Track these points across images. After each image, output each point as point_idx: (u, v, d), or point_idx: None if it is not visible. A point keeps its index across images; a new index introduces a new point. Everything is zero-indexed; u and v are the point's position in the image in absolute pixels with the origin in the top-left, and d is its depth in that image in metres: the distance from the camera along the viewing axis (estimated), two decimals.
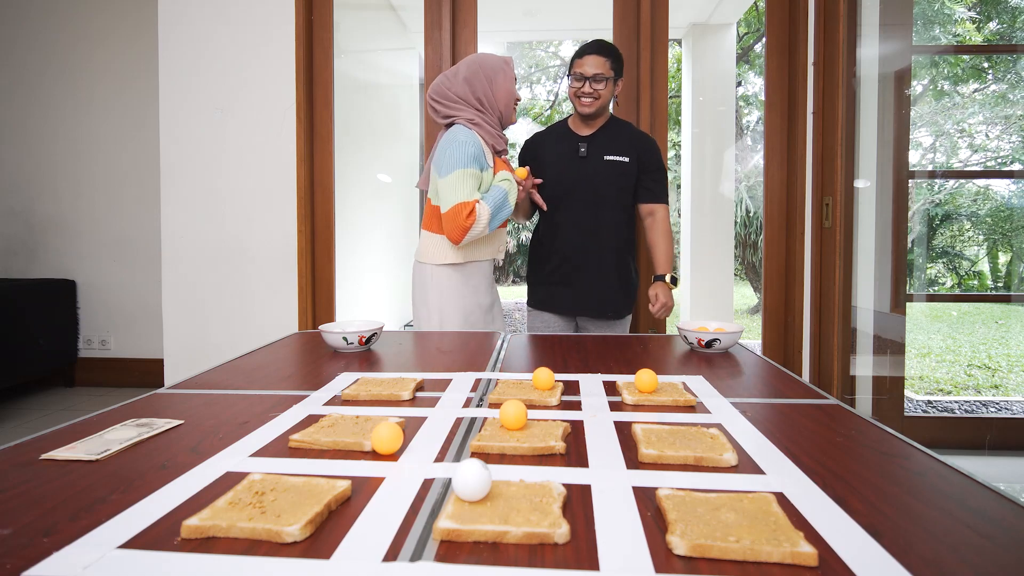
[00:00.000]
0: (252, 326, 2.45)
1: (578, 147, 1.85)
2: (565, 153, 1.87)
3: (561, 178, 1.86)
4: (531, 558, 0.46)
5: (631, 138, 1.87)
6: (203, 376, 1.07)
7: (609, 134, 1.86)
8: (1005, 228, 5.94)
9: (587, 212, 1.85)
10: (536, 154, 1.91)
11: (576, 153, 1.85)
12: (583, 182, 1.84)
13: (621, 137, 1.86)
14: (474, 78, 1.70)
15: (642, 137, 1.89)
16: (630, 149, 1.85)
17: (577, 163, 1.85)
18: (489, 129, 1.72)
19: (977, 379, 4.09)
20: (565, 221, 1.87)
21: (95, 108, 3.51)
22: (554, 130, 1.94)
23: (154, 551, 0.47)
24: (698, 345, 1.27)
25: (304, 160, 2.42)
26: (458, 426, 0.78)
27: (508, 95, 1.72)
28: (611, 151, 1.84)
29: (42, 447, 0.70)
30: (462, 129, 1.66)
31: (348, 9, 3.14)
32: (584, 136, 1.87)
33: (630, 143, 1.86)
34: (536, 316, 1.97)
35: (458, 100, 1.71)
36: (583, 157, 1.84)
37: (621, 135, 1.87)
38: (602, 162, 1.83)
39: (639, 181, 1.87)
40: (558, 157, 1.87)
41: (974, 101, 5.29)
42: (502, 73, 1.72)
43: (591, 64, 1.76)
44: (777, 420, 0.81)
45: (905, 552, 0.47)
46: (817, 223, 2.27)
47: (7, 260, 3.58)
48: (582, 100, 1.79)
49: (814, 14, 2.26)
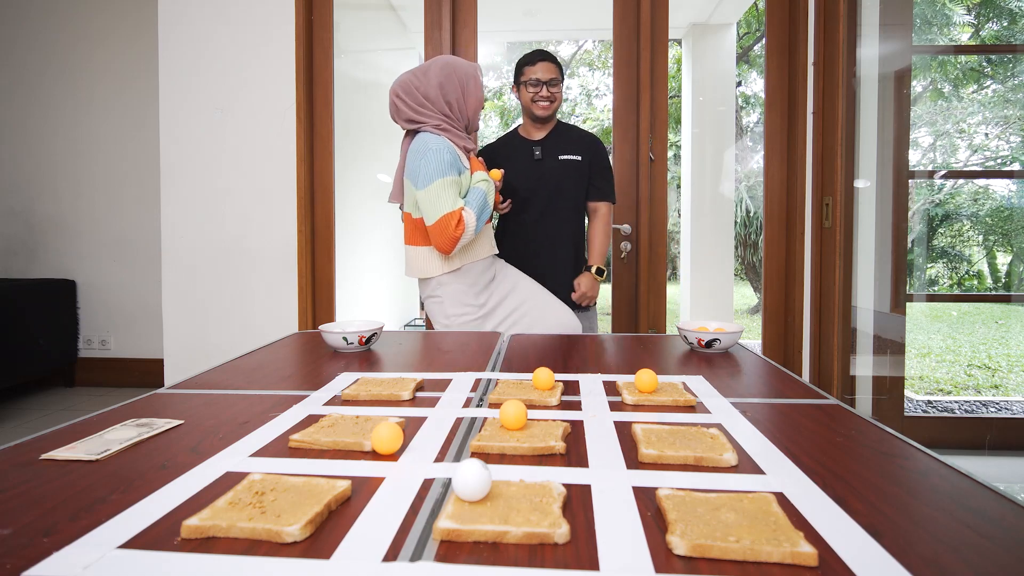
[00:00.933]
0: (252, 326, 2.45)
1: (532, 151, 1.94)
2: (521, 158, 1.95)
3: (520, 182, 1.93)
4: (531, 558, 0.46)
5: (579, 138, 1.97)
6: (203, 376, 1.07)
7: (559, 135, 1.97)
8: (1005, 228, 5.94)
9: (547, 210, 1.94)
10: (491, 164, 1.93)
11: (531, 157, 1.94)
12: (542, 183, 1.92)
13: (571, 137, 1.97)
14: (447, 83, 1.67)
15: (589, 137, 1.99)
16: (580, 148, 1.94)
17: (533, 166, 1.94)
18: (457, 132, 1.70)
19: (977, 379, 4.09)
20: (526, 221, 1.95)
21: (95, 108, 3.51)
22: (505, 140, 2.04)
23: (154, 551, 0.47)
24: (698, 345, 1.27)
25: (304, 160, 2.42)
26: (458, 426, 0.78)
27: (478, 102, 1.71)
28: (564, 151, 1.94)
29: (42, 447, 0.70)
30: (431, 136, 1.62)
31: (348, 9, 3.14)
32: (537, 140, 1.96)
33: (580, 142, 1.96)
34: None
35: (426, 104, 1.67)
36: (539, 159, 1.93)
37: (571, 135, 1.98)
38: (557, 162, 1.93)
39: (590, 180, 1.96)
40: (515, 162, 1.94)
41: (973, 101, 5.29)
42: (474, 80, 1.70)
43: (544, 70, 1.87)
44: (777, 420, 0.81)
45: (905, 552, 0.47)
46: (817, 223, 2.27)
47: (7, 260, 3.58)
48: (540, 104, 1.89)
49: (814, 14, 2.26)
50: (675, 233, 6.77)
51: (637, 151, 2.42)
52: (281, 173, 2.43)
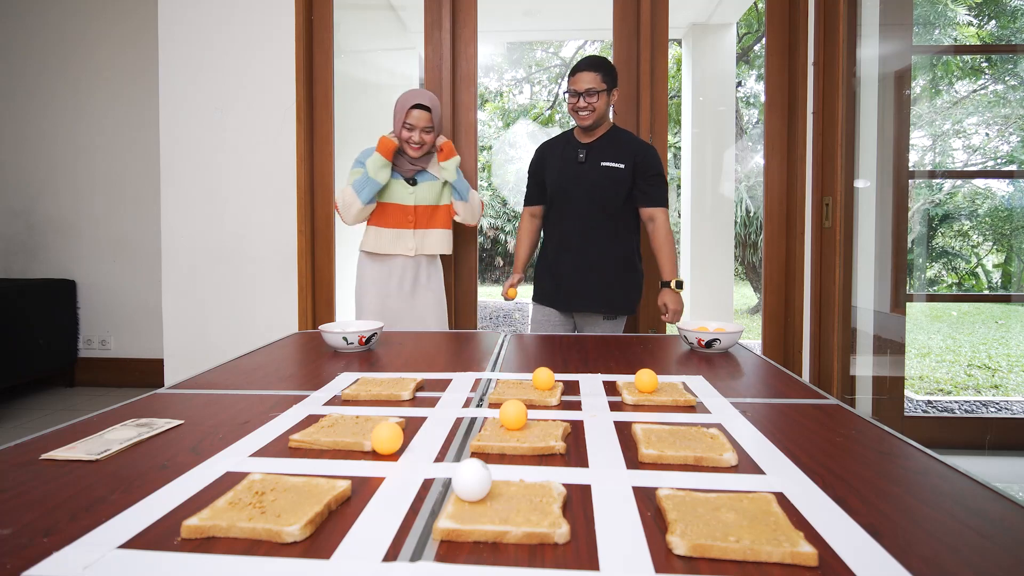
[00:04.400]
0: (252, 326, 2.45)
1: (578, 153, 1.95)
2: (567, 159, 1.98)
3: (561, 182, 1.97)
4: (531, 558, 0.46)
5: (629, 145, 1.95)
6: (203, 376, 1.07)
7: (608, 142, 1.96)
8: (1005, 228, 5.94)
9: (585, 214, 1.95)
10: (544, 160, 2.05)
11: (576, 159, 1.95)
12: (581, 186, 1.94)
13: (619, 144, 1.95)
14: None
15: (640, 144, 1.96)
16: (626, 156, 1.92)
17: (575, 168, 1.95)
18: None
19: (977, 379, 4.08)
20: (565, 222, 1.98)
21: (95, 108, 3.51)
22: (562, 138, 2.05)
23: (154, 551, 0.47)
24: (698, 345, 1.27)
25: (304, 160, 2.42)
26: (458, 426, 0.78)
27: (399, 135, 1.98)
28: (608, 158, 1.93)
29: (42, 447, 0.70)
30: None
31: (348, 9, 3.14)
32: (584, 143, 1.97)
33: (627, 150, 1.93)
34: (538, 310, 2.10)
35: None
36: (581, 163, 1.94)
37: (620, 143, 1.95)
38: (598, 168, 1.92)
39: (635, 186, 1.93)
40: (560, 163, 1.99)
41: (972, 101, 5.29)
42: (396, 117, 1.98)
43: (583, 80, 1.87)
44: (777, 420, 0.81)
45: (905, 552, 0.47)
46: (817, 223, 2.27)
47: (7, 260, 3.58)
48: (579, 114, 1.89)
49: (814, 14, 2.26)
50: (675, 233, 6.77)
51: None
52: (281, 173, 2.43)
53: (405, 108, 1.95)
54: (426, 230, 2.07)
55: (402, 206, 2.03)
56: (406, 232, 2.04)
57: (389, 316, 2.03)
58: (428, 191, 2.06)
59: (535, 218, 2.12)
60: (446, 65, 2.44)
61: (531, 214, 2.13)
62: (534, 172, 2.09)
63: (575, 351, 1.29)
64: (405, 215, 2.04)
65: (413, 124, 1.95)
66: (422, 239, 2.06)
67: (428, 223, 2.07)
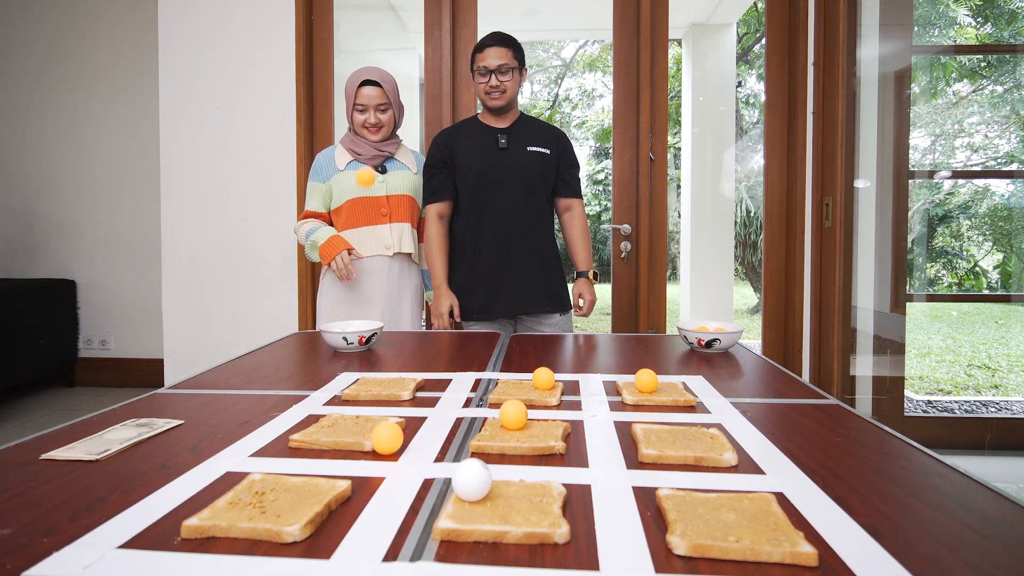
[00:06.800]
0: (252, 326, 2.45)
1: (497, 139, 1.78)
2: (485, 145, 1.79)
3: (485, 170, 1.77)
4: (531, 558, 0.46)
5: (546, 131, 1.86)
6: (203, 376, 1.07)
7: (525, 126, 1.83)
8: (1005, 228, 5.94)
9: (516, 204, 1.78)
10: (452, 149, 1.81)
11: (495, 145, 1.78)
12: (509, 173, 1.77)
13: (537, 129, 1.84)
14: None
15: (556, 131, 1.88)
16: (549, 141, 1.83)
17: (499, 155, 1.78)
18: (351, 137, 1.81)
19: (977, 379, 4.08)
20: (495, 216, 1.78)
21: (95, 108, 3.51)
22: (465, 124, 1.87)
23: (154, 551, 0.47)
24: (698, 345, 1.27)
25: (304, 160, 2.42)
26: (458, 426, 0.78)
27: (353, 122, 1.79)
28: (532, 142, 1.80)
29: (42, 447, 0.70)
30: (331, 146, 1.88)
31: (348, 9, 3.14)
32: (501, 128, 1.81)
33: (548, 135, 1.84)
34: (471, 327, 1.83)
35: None
36: (504, 149, 1.78)
37: (536, 128, 1.85)
38: (525, 153, 1.79)
39: (558, 175, 1.85)
40: (478, 149, 1.79)
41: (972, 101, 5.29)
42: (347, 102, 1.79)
43: (493, 56, 1.70)
44: (777, 420, 0.81)
45: (905, 552, 0.47)
46: (817, 223, 2.27)
47: (7, 260, 3.58)
48: (491, 95, 1.74)
49: (814, 14, 2.26)
50: (675, 233, 6.77)
51: (637, 151, 2.42)
52: (281, 173, 2.43)
53: (353, 88, 1.74)
54: (402, 224, 1.81)
55: (372, 199, 1.77)
56: (381, 228, 1.78)
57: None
58: (400, 180, 1.81)
59: (444, 219, 1.83)
60: (446, 65, 2.44)
61: (439, 214, 1.82)
62: (440, 163, 1.81)
63: (575, 351, 1.30)
64: (377, 208, 1.78)
65: (364, 104, 1.73)
66: (399, 235, 1.80)
67: (402, 215, 1.81)
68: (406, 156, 1.88)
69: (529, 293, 1.80)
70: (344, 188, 1.78)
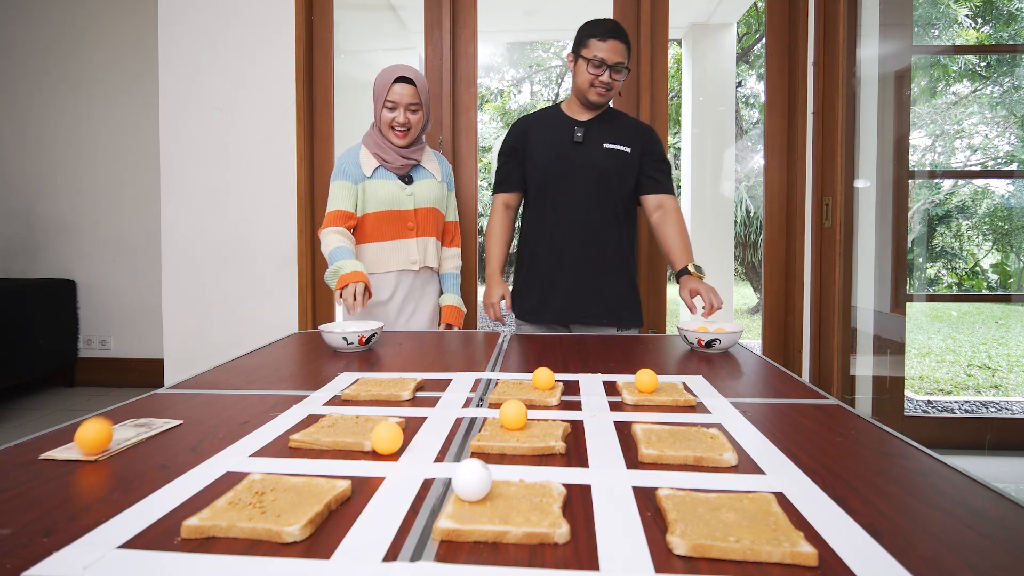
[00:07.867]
0: (252, 326, 2.45)
1: (574, 131, 1.65)
2: (559, 137, 1.67)
3: (555, 164, 1.66)
4: (531, 558, 0.46)
5: (632, 127, 1.70)
6: (203, 376, 1.07)
7: (608, 121, 1.69)
8: (1005, 228, 5.94)
9: (584, 203, 1.65)
10: (527, 137, 1.72)
11: (570, 138, 1.65)
12: (581, 170, 1.64)
13: (621, 126, 1.69)
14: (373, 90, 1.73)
15: (644, 127, 1.73)
16: (631, 139, 1.67)
17: (572, 149, 1.65)
18: (377, 140, 1.74)
19: (977, 379, 4.09)
20: (558, 213, 1.66)
21: (95, 108, 3.51)
22: (546, 113, 1.76)
23: (154, 551, 0.47)
24: (698, 345, 1.27)
25: (304, 160, 2.42)
26: (458, 426, 0.78)
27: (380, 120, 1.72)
28: (611, 139, 1.65)
29: (42, 447, 0.70)
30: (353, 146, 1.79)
31: (348, 9, 3.14)
32: (580, 120, 1.67)
33: (631, 132, 1.68)
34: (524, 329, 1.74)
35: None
36: (579, 143, 1.64)
37: (621, 123, 1.70)
38: (601, 149, 1.64)
39: (642, 171, 1.68)
40: (551, 141, 1.67)
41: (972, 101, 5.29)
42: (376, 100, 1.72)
43: (614, 51, 1.55)
44: (777, 420, 0.81)
45: (905, 552, 0.47)
46: (817, 223, 2.27)
47: (7, 260, 3.58)
48: (597, 90, 1.59)
49: (814, 14, 2.26)
50: None
51: None
52: (281, 173, 2.43)
53: (387, 84, 1.66)
54: (427, 239, 1.77)
55: (400, 212, 1.73)
56: (408, 242, 1.73)
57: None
58: (427, 190, 1.76)
59: (511, 209, 1.77)
60: (446, 65, 2.44)
61: (505, 204, 1.76)
62: (512, 151, 1.72)
63: (575, 351, 1.29)
64: (404, 222, 1.73)
65: (395, 102, 1.65)
66: (424, 249, 1.76)
67: (429, 230, 1.78)
68: (431, 162, 1.82)
69: (582, 301, 1.65)
70: (371, 197, 1.72)
